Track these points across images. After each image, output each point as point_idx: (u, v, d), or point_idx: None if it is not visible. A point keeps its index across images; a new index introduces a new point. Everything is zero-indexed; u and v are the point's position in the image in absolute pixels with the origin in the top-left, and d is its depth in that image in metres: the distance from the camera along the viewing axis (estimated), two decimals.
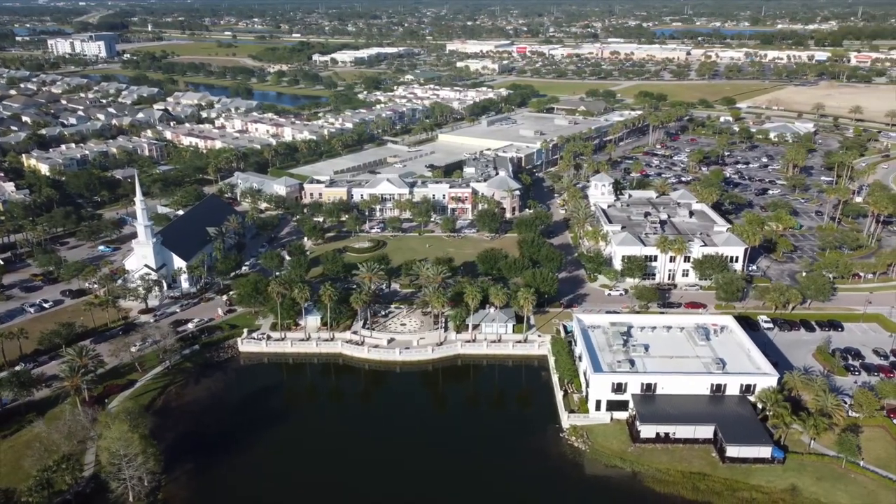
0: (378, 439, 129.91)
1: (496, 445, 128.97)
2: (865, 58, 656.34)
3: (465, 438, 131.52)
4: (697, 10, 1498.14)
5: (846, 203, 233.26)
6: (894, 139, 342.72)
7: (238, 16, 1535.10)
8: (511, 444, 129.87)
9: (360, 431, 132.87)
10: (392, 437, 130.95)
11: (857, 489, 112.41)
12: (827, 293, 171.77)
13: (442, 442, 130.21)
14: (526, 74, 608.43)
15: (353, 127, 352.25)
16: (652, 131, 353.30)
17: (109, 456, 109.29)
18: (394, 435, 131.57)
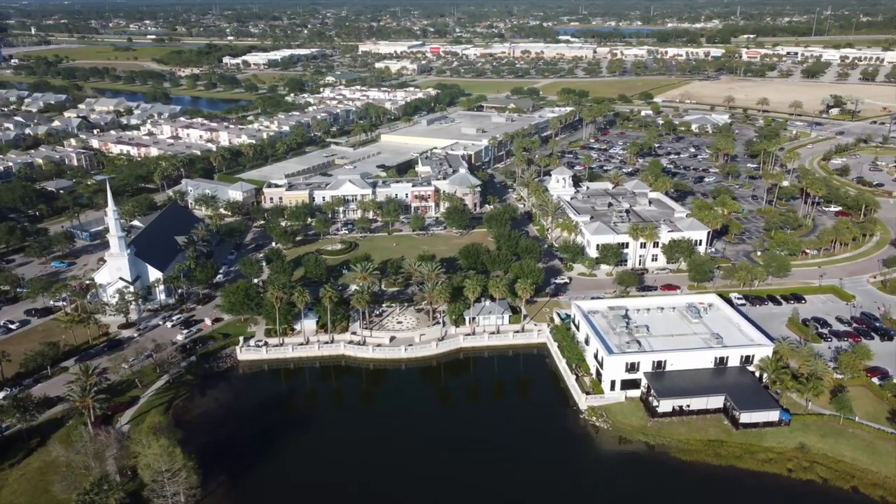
0: (402, 436, 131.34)
1: (520, 430, 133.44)
2: (755, 53, 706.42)
3: (488, 427, 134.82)
4: (591, 10, 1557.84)
5: (777, 187, 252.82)
6: (801, 127, 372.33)
7: (127, 18, 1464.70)
8: (534, 428, 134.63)
9: (383, 430, 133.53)
10: (415, 432, 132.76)
11: (857, 442, 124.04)
12: (787, 269, 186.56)
13: (466, 432, 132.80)
14: (445, 74, 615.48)
15: (291, 129, 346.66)
16: (584, 126, 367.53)
17: (152, 473, 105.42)
18: (417, 430, 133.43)
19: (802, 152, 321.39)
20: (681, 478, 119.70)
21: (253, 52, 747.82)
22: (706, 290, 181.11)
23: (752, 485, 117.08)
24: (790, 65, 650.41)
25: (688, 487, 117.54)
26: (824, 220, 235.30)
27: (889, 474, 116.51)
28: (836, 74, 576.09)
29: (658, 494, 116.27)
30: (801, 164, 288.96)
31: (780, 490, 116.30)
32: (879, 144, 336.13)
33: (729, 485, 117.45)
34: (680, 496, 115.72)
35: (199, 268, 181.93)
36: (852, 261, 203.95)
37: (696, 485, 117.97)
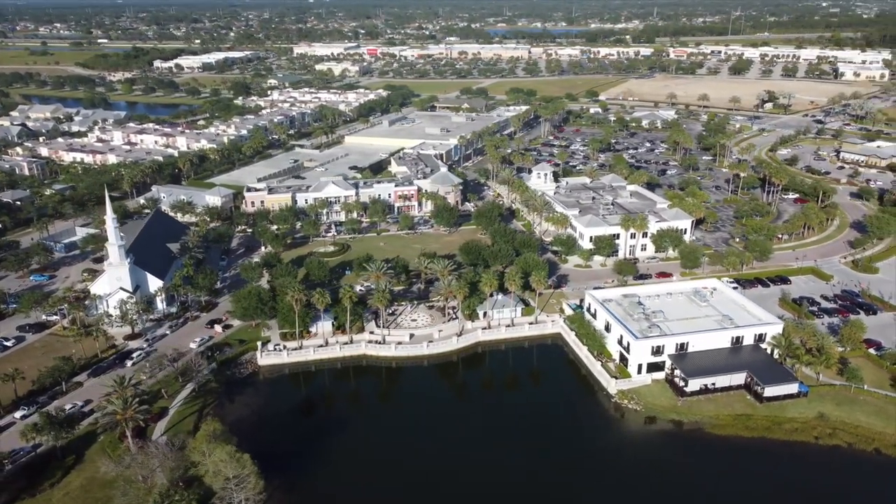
0: (445, 428, 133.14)
1: (556, 416, 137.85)
2: (682, 52, 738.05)
3: (524, 415, 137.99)
4: (514, 11, 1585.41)
5: (738, 177, 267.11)
6: (741, 122, 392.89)
7: (35, 21, 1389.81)
8: (569, 413, 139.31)
9: (423, 423, 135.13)
10: (456, 423, 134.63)
11: (870, 408, 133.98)
12: (769, 253, 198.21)
13: (504, 421, 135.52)
14: (388, 75, 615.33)
15: (250, 133, 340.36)
16: (542, 124, 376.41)
17: (223, 481, 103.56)
18: (457, 422, 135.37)
19: (747, 144, 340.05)
20: (718, 451, 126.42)
21: (184, 56, 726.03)
22: (697, 275, 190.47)
23: (785, 453, 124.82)
24: (715, 62, 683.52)
25: (727, 459, 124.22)
26: (786, 207, 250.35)
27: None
28: (759, 71, 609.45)
29: (702, 467, 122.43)
30: (751, 155, 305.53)
31: (810, 456, 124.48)
32: (816, 136, 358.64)
33: (764, 455, 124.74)
34: (722, 467, 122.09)
35: (200, 274, 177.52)
36: (821, 243, 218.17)
37: (733, 456, 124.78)
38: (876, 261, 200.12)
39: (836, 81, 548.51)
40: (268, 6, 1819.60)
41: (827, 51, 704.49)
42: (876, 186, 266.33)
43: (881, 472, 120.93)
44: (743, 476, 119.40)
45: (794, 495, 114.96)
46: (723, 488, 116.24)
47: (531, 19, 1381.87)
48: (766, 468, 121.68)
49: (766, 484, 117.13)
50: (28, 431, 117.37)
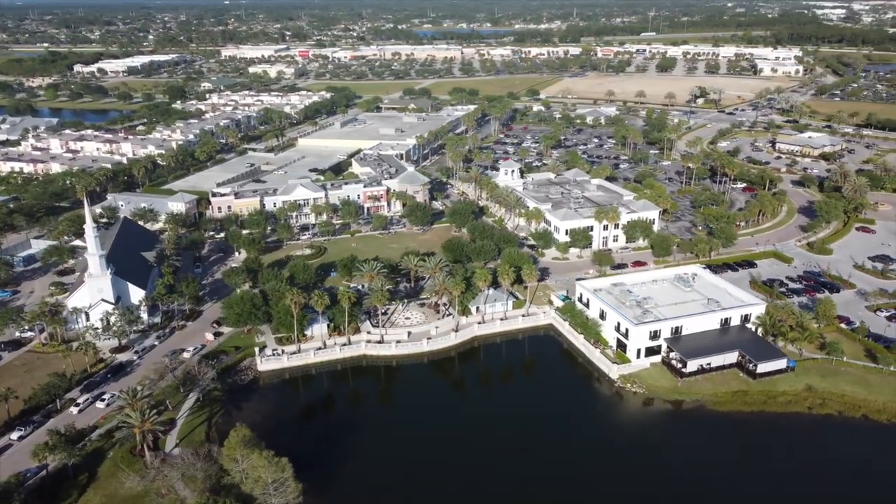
0: (460, 421, 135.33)
1: (563, 402, 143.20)
2: (609, 51, 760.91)
3: (532, 404, 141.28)
4: (438, 12, 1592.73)
5: (690, 168, 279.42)
6: (679, 116, 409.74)
7: None
8: (576, 399, 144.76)
9: (439, 418, 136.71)
10: (469, 416, 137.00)
11: (851, 378, 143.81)
12: (734, 240, 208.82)
13: (515, 410, 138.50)
14: (325, 77, 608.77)
15: (198, 138, 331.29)
16: (492, 123, 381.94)
17: (262, 486, 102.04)
18: (470, 414, 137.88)
19: (691, 137, 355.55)
20: (723, 425, 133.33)
21: (105, 60, 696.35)
22: (669, 263, 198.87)
23: (784, 424, 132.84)
24: (641, 60, 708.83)
25: (733, 432, 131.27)
26: (736, 196, 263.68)
27: (885, 401, 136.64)
28: (685, 69, 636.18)
29: (712, 440, 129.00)
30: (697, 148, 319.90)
31: (806, 425, 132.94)
32: (750, 128, 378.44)
33: (766, 426, 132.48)
34: (730, 440, 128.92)
35: (182, 282, 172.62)
36: (775, 229, 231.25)
37: (738, 430, 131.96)
38: (828, 243, 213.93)
39: (757, 77, 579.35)
40: (182, 8, 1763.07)
41: (743, 48, 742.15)
42: (814, 174, 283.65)
43: (871, 436, 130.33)
44: (750, 447, 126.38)
45: (798, 461, 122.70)
46: (735, 458, 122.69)
47: (456, 20, 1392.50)
48: (768, 439, 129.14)
49: (772, 452, 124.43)
50: (40, 451, 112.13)
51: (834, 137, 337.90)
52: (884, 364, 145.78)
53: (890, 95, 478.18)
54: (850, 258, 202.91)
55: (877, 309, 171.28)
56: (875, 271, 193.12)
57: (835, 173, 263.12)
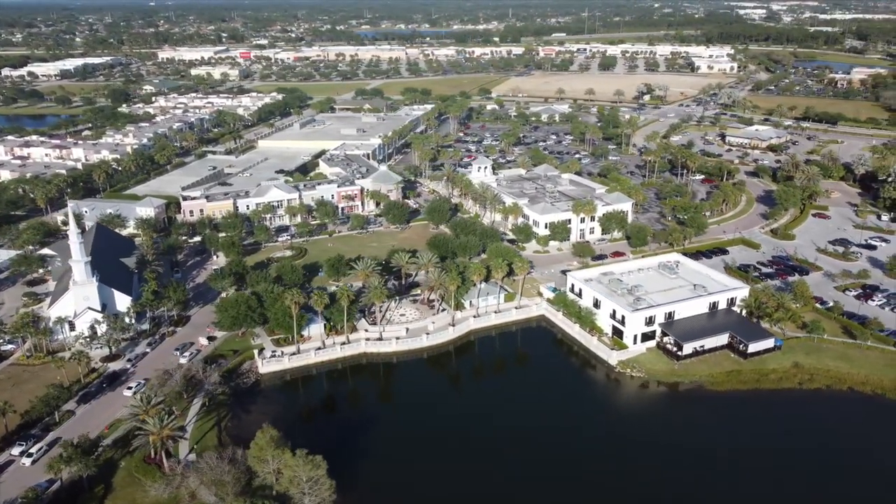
0: (474, 409, 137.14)
1: (567, 389, 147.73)
2: (550, 50, 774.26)
3: (538, 392, 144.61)
4: (374, 13, 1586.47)
5: (651, 162, 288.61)
6: (629, 112, 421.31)
7: None
8: (579, 385, 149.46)
9: (449, 410, 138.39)
10: (481, 406, 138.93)
11: (833, 354, 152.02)
12: (705, 228, 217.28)
13: (523, 401, 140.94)
14: (271, 79, 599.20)
15: (151, 141, 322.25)
16: (451, 121, 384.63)
17: (298, 485, 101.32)
18: (481, 404, 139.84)
19: (645, 132, 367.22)
20: (723, 404, 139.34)
21: (34, 63, 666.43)
22: (646, 252, 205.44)
23: (780, 399, 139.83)
24: (583, 59, 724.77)
25: (732, 409, 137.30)
26: (697, 187, 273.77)
27: (867, 373, 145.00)
28: (626, 67, 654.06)
29: (714, 418, 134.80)
30: (654, 143, 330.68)
31: (798, 399, 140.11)
32: (698, 123, 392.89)
33: (762, 403, 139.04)
34: (731, 417, 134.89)
35: (169, 288, 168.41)
36: (737, 217, 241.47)
37: (737, 407, 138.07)
38: (790, 229, 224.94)
39: (695, 74, 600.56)
40: (106, 9, 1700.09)
41: (678, 47, 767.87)
42: (766, 165, 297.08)
43: (858, 406, 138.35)
44: (751, 423, 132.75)
45: (797, 433, 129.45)
46: (739, 433, 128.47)
47: (394, 21, 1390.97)
48: (766, 414, 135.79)
49: (773, 426, 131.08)
50: (55, 463, 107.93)
51: (779, 130, 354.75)
52: (861, 339, 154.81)
53: (820, 90, 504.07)
54: (812, 243, 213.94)
55: (845, 289, 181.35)
56: (837, 254, 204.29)
57: (787, 163, 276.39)
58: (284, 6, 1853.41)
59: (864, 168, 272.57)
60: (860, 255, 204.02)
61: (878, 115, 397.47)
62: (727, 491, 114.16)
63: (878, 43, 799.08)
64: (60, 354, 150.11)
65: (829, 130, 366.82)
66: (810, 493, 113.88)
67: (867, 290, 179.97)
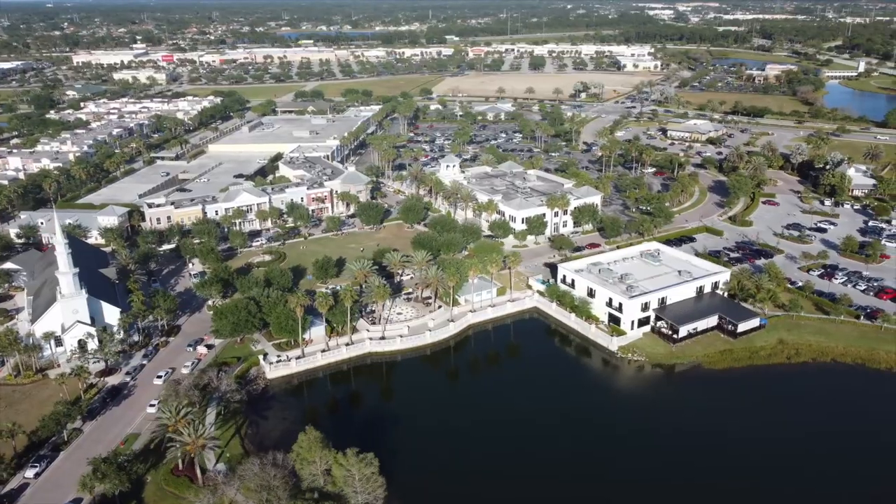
0: (490, 398, 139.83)
1: (574, 375, 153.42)
2: (479, 51, 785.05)
3: (547, 380, 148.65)
4: (293, 14, 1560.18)
5: (605, 156, 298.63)
6: (570, 110, 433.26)
7: None
8: (585, 371, 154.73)
9: (465, 402, 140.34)
10: (495, 397, 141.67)
11: (812, 329, 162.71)
12: (671, 218, 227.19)
13: (535, 390, 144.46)
14: (200, 82, 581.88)
15: (93, 148, 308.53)
16: (401, 121, 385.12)
17: (350, 483, 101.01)
18: (495, 396, 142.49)
19: (589, 129, 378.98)
20: (723, 381, 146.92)
21: None
22: (620, 243, 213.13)
23: (774, 373, 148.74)
24: (512, 59, 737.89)
25: (733, 385, 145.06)
26: (650, 180, 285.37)
27: (845, 346, 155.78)
28: (555, 66, 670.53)
29: (717, 394, 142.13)
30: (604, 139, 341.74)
31: (789, 372, 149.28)
32: (637, 118, 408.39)
33: (759, 378, 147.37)
34: (733, 392, 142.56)
35: (159, 297, 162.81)
36: (695, 207, 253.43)
37: (736, 382, 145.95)
38: (745, 216, 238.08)
39: (622, 73, 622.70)
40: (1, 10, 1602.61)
41: (601, 46, 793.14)
42: (712, 157, 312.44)
43: (844, 376, 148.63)
44: (753, 396, 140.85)
45: (797, 404, 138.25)
46: (743, 406, 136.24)
47: (314, 23, 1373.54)
48: (764, 387, 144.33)
49: (771, 397, 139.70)
50: (88, 482, 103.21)
51: (716, 124, 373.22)
52: (834, 315, 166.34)
53: (741, 86, 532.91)
54: (768, 228, 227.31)
55: (808, 269, 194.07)
56: (793, 237, 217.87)
57: (732, 155, 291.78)
58: (195, 7, 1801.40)
59: (802, 157, 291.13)
60: (814, 237, 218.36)
61: (799, 109, 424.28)
62: (748, 457, 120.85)
63: (782, 41, 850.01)
64: (58, 371, 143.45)
65: (759, 123, 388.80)
66: (821, 454, 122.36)
67: (828, 269, 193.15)
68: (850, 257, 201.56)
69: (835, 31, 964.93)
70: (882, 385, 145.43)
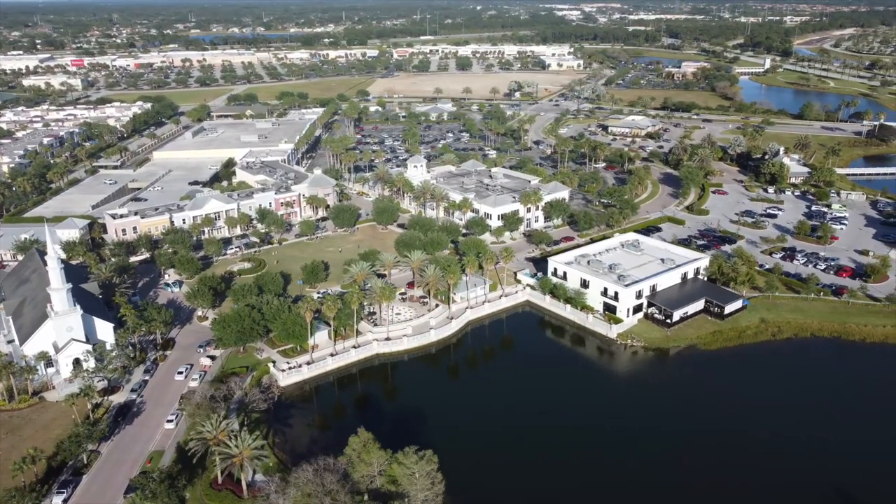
0: (508, 392, 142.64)
1: (580, 362, 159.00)
2: (403, 52, 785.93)
3: (553, 369, 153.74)
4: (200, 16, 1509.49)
5: (557, 153, 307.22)
6: (509, 108, 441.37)
7: None
8: (588, 358, 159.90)
9: (487, 397, 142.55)
10: (511, 389, 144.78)
11: (788, 308, 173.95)
12: (637, 210, 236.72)
13: (550, 380, 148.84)
14: (119, 87, 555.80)
15: (25, 159, 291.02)
16: (347, 124, 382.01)
17: (412, 481, 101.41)
18: (510, 387, 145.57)
19: (532, 126, 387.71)
20: (719, 360, 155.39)
21: None
22: (593, 235, 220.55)
23: (765, 349, 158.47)
24: (438, 59, 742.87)
25: (729, 363, 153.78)
26: (603, 174, 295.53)
27: (821, 321, 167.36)
28: (482, 67, 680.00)
29: (716, 372, 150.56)
30: (551, 136, 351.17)
31: (776, 348, 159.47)
32: (574, 115, 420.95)
33: (751, 355, 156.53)
34: (731, 369, 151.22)
35: (153, 310, 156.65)
36: (650, 199, 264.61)
37: (731, 361, 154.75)
38: (701, 205, 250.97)
39: (548, 72, 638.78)
40: None
41: (522, 47, 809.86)
42: (660, 151, 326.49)
43: (825, 349, 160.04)
44: (751, 371, 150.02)
45: (786, 375, 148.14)
46: (747, 381, 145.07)
47: (225, 24, 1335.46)
48: (757, 362, 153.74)
49: (765, 372, 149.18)
50: (138, 500, 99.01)
51: (653, 119, 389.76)
52: (805, 293, 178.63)
53: (662, 83, 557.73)
54: (724, 216, 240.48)
55: (771, 252, 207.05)
56: (749, 223, 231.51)
57: (677, 148, 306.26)
58: (89, 8, 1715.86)
59: (740, 149, 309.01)
60: (767, 223, 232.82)
61: (722, 103, 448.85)
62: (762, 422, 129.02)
63: (690, 40, 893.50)
64: (54, 393, 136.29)
65: (692, 118, 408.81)
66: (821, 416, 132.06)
67: (788, 252, 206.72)
68: (803, 240, 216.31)
69: (735, 29, 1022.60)
70: (863, 355, 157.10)
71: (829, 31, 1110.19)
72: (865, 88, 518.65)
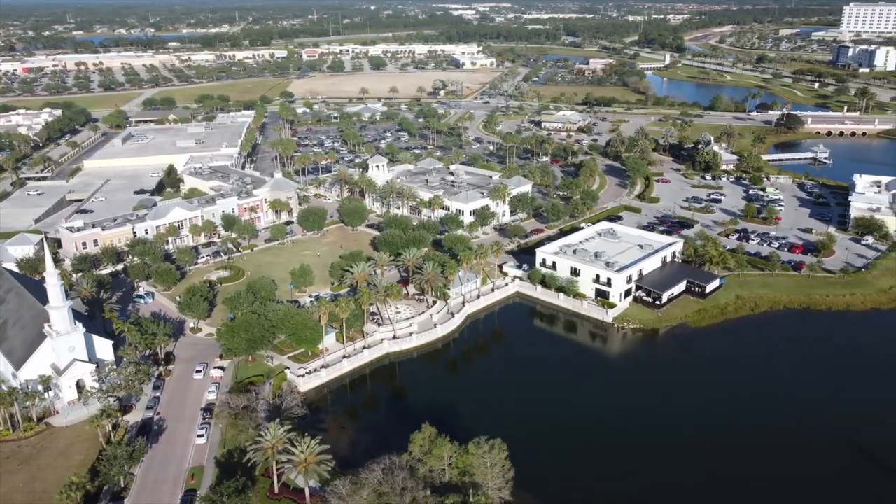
0: (525, 382, 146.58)
1: (583, 346, 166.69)
2: (313, 52, 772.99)
3: (560, 354, 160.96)
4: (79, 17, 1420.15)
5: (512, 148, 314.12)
6: (440, 107, 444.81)
7: None
8: (590, 342, 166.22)
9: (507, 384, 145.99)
10: (525, 377, 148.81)
11: (758, 284, 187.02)
12: (597, 201, 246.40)
13: (552, 361, 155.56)
14: (12, 94, 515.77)
15: None
16: (283, 126, 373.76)
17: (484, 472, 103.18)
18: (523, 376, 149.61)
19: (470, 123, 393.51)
20: (709, 335, 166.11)
21: None
22: (559, 226, 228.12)
23: (747, 324, 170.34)
24: (350, 59, 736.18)
25: (717, 338, 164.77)
26: (556, 169, 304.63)
27: (789, 295, 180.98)
28: (397, 66, 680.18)
29: (709, 346, 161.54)
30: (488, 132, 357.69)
31: (756, 322, 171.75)
32: (503, 112, 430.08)
33: (734, 330, 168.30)
34: (721, 343, 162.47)
35: (153, 324, 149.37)
36: (601, 189, 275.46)
37: (721, 337, 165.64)
38: (650, 193, 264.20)
39: (463, 70, 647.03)
40: None
41: (432, 46, 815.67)
42: (598, 144, 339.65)
43: (799, 319, 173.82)
44: (736, 343, 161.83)
45: (772, 344, 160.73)
46: (740, 351, 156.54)
47: (110, 26, 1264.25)
48: (742, 336, 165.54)
49: (753, 344, 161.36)
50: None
51: (583, 114, 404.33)
52: (769, 270, 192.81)
53: (576, 79, 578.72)
54: (673, 203, 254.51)
55: (727, 234, 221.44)
56: (698, 209, 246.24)
57: (615, 140, 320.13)
58: None
59: (672, 139, 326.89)
60: (714, 207, 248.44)
61: (639, 98, 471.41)
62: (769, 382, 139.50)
63: (589, 38, 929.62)
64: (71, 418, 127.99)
65: (618, 112, 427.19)
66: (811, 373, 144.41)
67: (741, 233, 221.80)
68: (751, 221, 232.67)
69: (626, 27, 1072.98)
70: (832, 323, 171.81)
71: (710, 28, 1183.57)
72: (759, 81, 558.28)
